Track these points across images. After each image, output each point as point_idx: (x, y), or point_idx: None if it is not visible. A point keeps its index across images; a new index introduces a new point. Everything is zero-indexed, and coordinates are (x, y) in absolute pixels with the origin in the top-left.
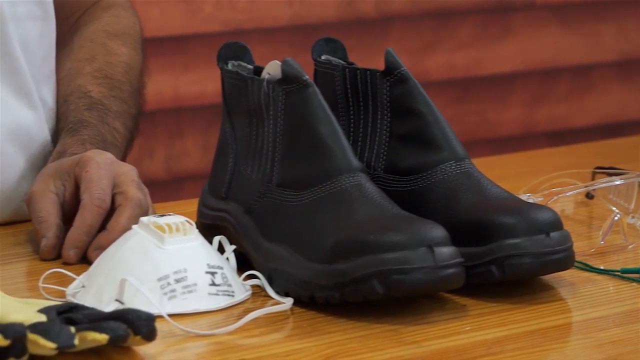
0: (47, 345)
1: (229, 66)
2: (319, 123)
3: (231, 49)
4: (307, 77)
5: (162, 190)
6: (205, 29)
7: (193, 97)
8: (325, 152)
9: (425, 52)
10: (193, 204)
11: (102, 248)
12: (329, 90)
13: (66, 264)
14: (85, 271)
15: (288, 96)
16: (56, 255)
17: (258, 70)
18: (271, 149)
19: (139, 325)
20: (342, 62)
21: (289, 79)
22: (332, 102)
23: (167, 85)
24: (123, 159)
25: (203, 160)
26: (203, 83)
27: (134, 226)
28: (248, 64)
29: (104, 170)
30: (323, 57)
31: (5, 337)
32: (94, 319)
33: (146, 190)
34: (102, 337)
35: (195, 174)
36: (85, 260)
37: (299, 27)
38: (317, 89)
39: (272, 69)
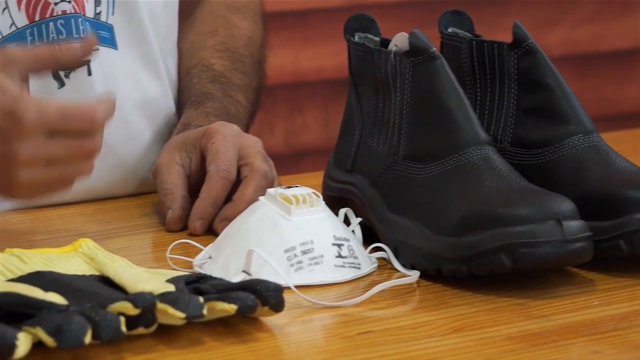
0: (177, 315)
1: (356, 38)
2: (446, 95)
3: (358, 21)
4: (434, 49)
5: (282, 165)
6: (325, 4)
7: (313, 71)
8: (453, 125)
9: (546, 27)
10: (315, 177)
11: (228, 219)
12: (455, 62)
13: (192, 235)
14: (211, 242)
15: (415, 68)
16: (182, 227)
17: (385, 43)
18: (398, 121)
19: (267, 296)
20: (469, 35)
21: (416, 51)
22: (459, 74)
23: (288, 60)
24: (245, 132)
25: (322, 135)
26: (323, 58)
27: (260, 197)
28: (375, 36)
29: (230, 142)
30: (449, 30)
31: (135, 306)
32: (222, 290)
33: (271, 162)
34: (230, 308)
35: (314, 149)
36: (211, 232)
37: (419, 2)
38: (444, 61)
39: (400, 41)
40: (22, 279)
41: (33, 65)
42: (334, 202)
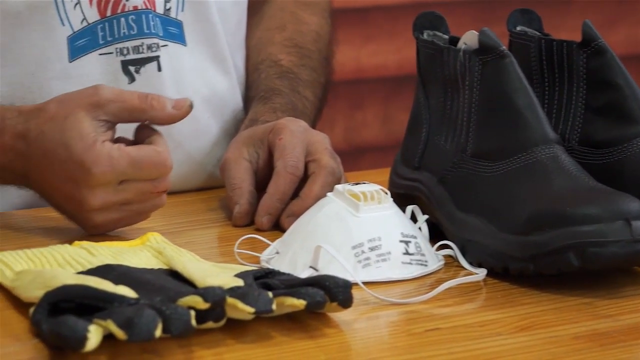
0: (246, 310)
1: (425, 36)
2: (515, 94)
3: (427, 19)
4: (504, 47)
5: (341, 161)
6: (387, 1)
7: (374, 68)
8: (521, 123)
9: (607, 28)
10: (379, 174)
11: (295, 215)
12: (524, 61)
13: (259, 231)
14: (278, 238)
15: (485, 66)
16: (249, 222)
17: (453, 41)
18: (466, 119)
19: (336, 292)
20: (538, 33)
21: (486, 49)
22: (527, 73)
23: (349, 56)
24: (312, 127)
25: (382, 132)
26: (384, 55)
27: (328, 194)
28: (444, 34)
29: (297, 138)
30: (518, 28)
31: (205, 300)
32: (291, 285)
33: (339, 158)
34: (299, 303)
35: (374, 145)
36: (277, 227)
37: (480, 1)
38: (514, 60)
39: (469, 39)
40: (91, 272)
41: (121, 115)
42: (400, 199)
